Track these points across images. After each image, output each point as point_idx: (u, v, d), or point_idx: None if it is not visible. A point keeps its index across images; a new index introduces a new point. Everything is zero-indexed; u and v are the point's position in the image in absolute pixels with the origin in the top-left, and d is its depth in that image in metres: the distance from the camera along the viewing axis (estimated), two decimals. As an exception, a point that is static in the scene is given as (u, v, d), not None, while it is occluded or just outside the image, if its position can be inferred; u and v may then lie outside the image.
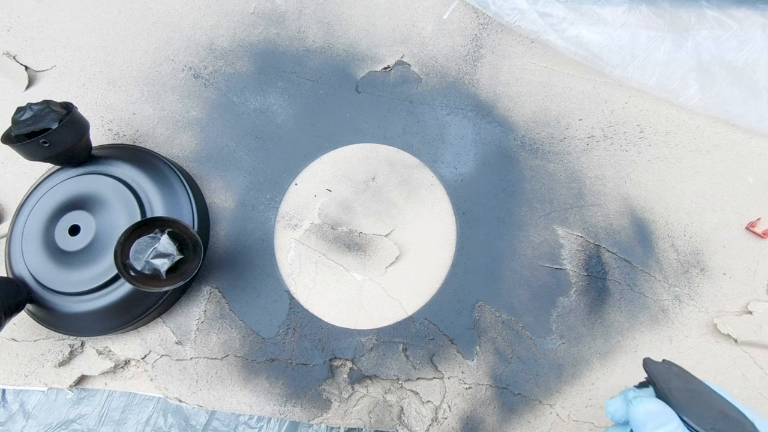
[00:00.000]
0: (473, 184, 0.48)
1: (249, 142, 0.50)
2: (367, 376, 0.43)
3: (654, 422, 0.28)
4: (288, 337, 0.44)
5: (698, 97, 0.45)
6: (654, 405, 0.29)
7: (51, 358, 0.44)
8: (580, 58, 0.47)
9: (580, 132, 0.49)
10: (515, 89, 0.50)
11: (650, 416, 0.29)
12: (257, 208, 0.48)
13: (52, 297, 0.42)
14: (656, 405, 0.29)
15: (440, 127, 0.49)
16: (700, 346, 0.43)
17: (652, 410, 0.29)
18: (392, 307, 0.45)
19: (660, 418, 0.28)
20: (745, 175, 0.47)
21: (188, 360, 0.44)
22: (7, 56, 0.54)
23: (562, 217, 0.46)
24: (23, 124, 0.40)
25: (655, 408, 0.29)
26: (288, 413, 0.43)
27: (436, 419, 0.42)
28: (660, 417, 0.28)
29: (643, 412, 0.29)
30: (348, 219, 0.47)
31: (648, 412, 0.29)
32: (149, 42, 0.54)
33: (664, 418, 0.28)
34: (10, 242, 0.45)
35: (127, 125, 0.51)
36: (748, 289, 0.44)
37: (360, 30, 0.53)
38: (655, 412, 0.29)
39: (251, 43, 0.53)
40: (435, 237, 0.46)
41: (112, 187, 0.43)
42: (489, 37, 0.52)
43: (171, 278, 0.38)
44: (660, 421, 0.28)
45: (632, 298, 0.44)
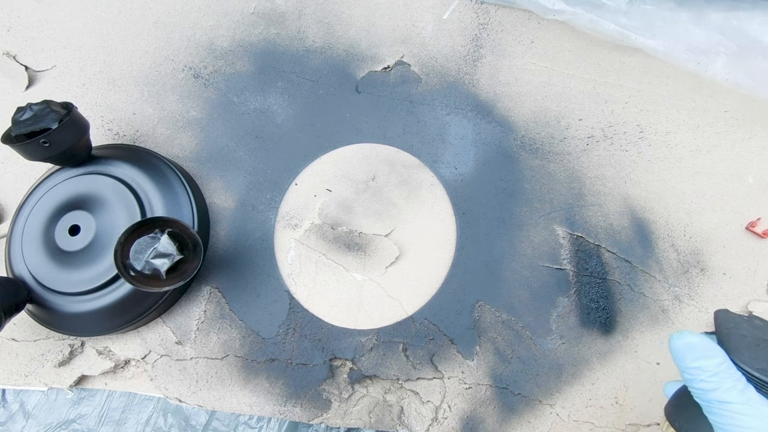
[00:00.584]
0: (473, 184, 0.48)
1: (249, 142, 0.50)
2: (367, 376, 0.43)
3: (693, 354, 0.27)
4: (288, 337, 0.44)
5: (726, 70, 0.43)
6: (696, 338, 0.28)
7: (51, 358, 0.44)
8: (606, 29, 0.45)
9: (580, 132, 0.49)
10: (515, 89, 0.50)
11: (690, 348, 0.27)
12: (257, 208, 0.48)
13: (52, 297, 0.42)
14: (699, 338, 0.28)
15: (440, 127, 0.49)
16: (700, 346, 0.43)
17: (694, 342, 0.27)
18: (392, 307, 0.45)
19: (701, 351, 0.27)
20: (745, 175, 0.47)
21: (188, 360, 0.44)
22: (7, 56, 0.54)
23: (562, 217, 0.46)
24: (23, 124, 0.40)
25: (698, 341, 0.27)
26: (288, 413, 0.43)
27: (436, 419, 0.42)
28: (701, 350, 0.27)
29: (683, 344, 0.28)
30: (348, 219, 0.47)
31: (689, 344, 0.27)
32: (149, 42, 0.54)
33: (708, 352, 0.27)
34: (10, 242, 0.45)
35: (127, 125, 0.51)
36: (748, 289, 0.44)
37: (360, 30, 0.53)
38: (697, 344, 0.27)
39: (251, 43, 0.53)
40: (435, 237, 0.46)
41: (112, 187, 0.43)
42: (489, 37, 0.52)
43: (171, 278, 0.38)
44: (701, 354, 0.27)
45: (632, 298, 0.44)
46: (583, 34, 0.51)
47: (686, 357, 0.27)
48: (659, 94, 0.49)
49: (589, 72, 0.50)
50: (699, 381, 0.27)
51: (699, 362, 0.27)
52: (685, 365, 0.27)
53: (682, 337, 0.28)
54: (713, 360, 0.27)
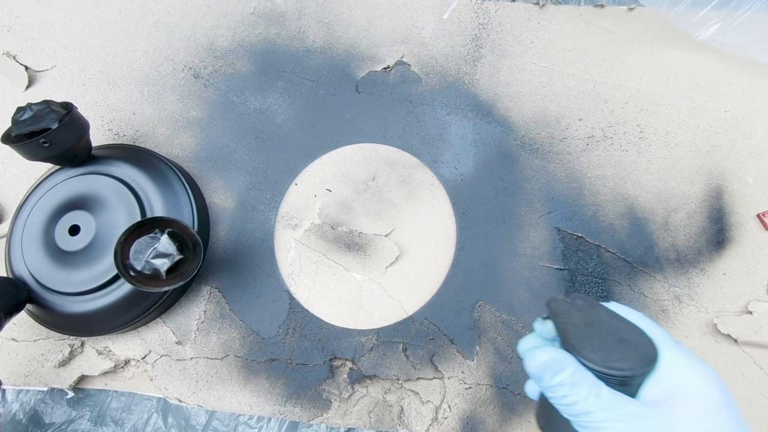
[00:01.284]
0: (473, 184, 0.48)
1: (249, 142, 0.50)
2: (367, 376, 0.43)
3: (549, 374, 0.26)
4: (288, 337, 0.44)
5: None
6: (545, 354, 0.27)
7: (51, 358, 0.44)
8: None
9: (580, 132, 0.49)
10: (515, 89, 0.50)
11: (545, 368, 0.26)
12: (257, 208, 0.48)
13: (52, 297, 0.42)
14: (547, 354, 0.27)
15: (440, 127, 0.49)
16: (700, 346, 0.43)
17: (546, 360, 0.27)
18: (392, 307, 0.45)
19: (554, 367, 0.26)
20: (745, 175, 0.47)
21: (188, 360, 0.44)
22: (7, 56, 0.54)
23: (562, 217, 0.46)
24: (23, 124, 0.40)
25: (548, 357, 0.27)
26: (288, 413, 0.43)
27: (436, 419, 0.42)
28: (554, 365, 0.26)
29: (537, 364, 0.27)
30: (348, 219, 0.47)
31: (542, 364, 0.27)
32: (149, 42, 0.54)
33: (559, 366, 0.26)
34: (10, 242, 0.45)
35: (127, 125, 0.51)
36: (748, 289, 0.44)
37: (360, 30, 0.53)
38: (549, 362, 0.26)
39: (251, 43, 0.53)
40: (435, 237, 0.46)
41: (112, 187, 0.43)
42: (489, 37, 0.52)
43: (171, 278, 0.38)
44: (555, 369, 0.26)
45: (632, 298, 0.44)
46: (583, 34, 0.51)
47: (544, 376, 0.27)
48: (659, 94, 0.49)
49: (589, 72, 0.50)
50: (561, 398, 0.26)
51: (557, 378, 0.26)
52: (546, 385, 0.27)
53: (534, 357, 0.27)
54: (566, 371, 0.26)
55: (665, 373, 0.26)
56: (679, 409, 0.24)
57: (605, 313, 0.28)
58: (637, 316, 0.29)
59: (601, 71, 0.50)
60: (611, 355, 0.26)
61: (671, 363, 0.26)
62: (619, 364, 0.25)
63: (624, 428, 0.24)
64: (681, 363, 0.26)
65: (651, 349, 0.26)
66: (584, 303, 0.29)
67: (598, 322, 0.27)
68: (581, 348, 0.26)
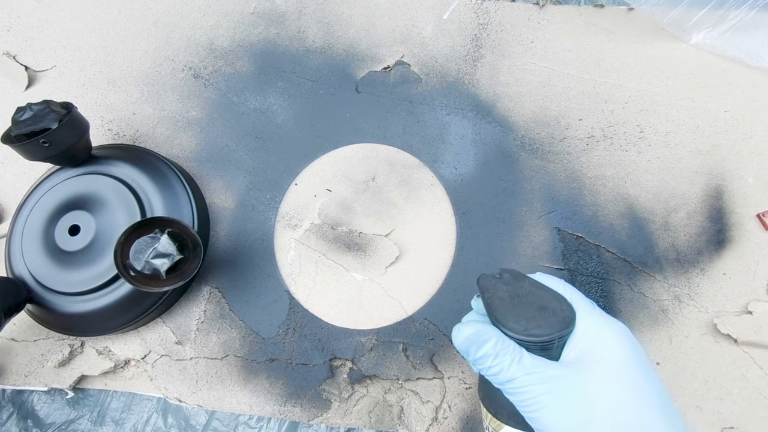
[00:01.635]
0: (473, 184, 0.48)
1: (249, 142, 0.50)
2: (367, 376, 0.43)
3: (474, 347, 0.27)
4: (288, 337, 0.44)
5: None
6: (469, 329, 0.28)
7: (51, 358, 0.44)
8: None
9: (580, 132, 0.49)
10: (515, 89, 0.50)
11: (469, 342, 0.28)
12: (257, 208, 0.48)
13: (52, 297, 0.42)
14: (470, 328, 0.28)
15: (440, 127, 0.49)
16: (700, 346, 0.43)
17: (469, 335, 0.28)
18: (392, 307, 0.45)
19: (478, 338, 0.27)
20: (745, 175, 0.47)
21: (188, 360, 0.44)
22: (7, 56, 0.54)
23: (562, 217, 0.46)
24: (23, 124, 0.40)
25: (471, 331, 0.28)
26: (288, 413, 0.43)
27: (436, 419, 0.42)
28: (478, 337, 0.27)
29: (462, 339, 0.28)
30: (348, 219, 0.47)
31: (466, 338, 0.28)
32: (149, 42, 0.54)
33: (482, 338, 0.27)
34: (10, 242, 0.45)
35: (127, 125, 0.51)
36: (748, 289, 0.44)
37: (360, 30, 0.53)
38: (472, 335, 0.28)
39: (251, 43, 0.53)
40: (435, 237, 0.46)
41: (112, 187, 0.43)
42: (489, 37, 0.52)
43: (171, 278, 0.38)
44: (479, 342, 0.27)
45: (632, 298, 0.44)
46: (583, 34, 0.51)
47: (469, 350, 0.28)
48: (659, 94, 0.49)
49: (589, 72, 0.50)
50: (487, 369, 0.27)
51: (481, 351, 0.27)
52: (473, 359, 0.28)
53: (459, 333, 0.29)
54: (489, 343, 0.27)
55: (581, 334, 0.27)
56: (593, 365, 0.26)
57: (530, 284, 0.30)
58: (558, 284, 0.30)
59: (601, 71, 0.50)
60: (531, 323, 0.27)
61: (586, 324, 0.27)
62: (538, 331, 0.27)
63: (545, 389, 0.25)
64: (595, 324, 0.27)
65: (569, 313, 0.28)
66: (510, 276, 0.30)
67: (522, 293, 0.29)
68: (505, 320, 0.27)
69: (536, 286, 0.30)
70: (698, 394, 0.41)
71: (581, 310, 0.28)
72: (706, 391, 0.42)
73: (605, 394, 0.25)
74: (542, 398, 0.25)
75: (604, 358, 0.26)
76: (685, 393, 0.42)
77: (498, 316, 0.28)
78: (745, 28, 0.47)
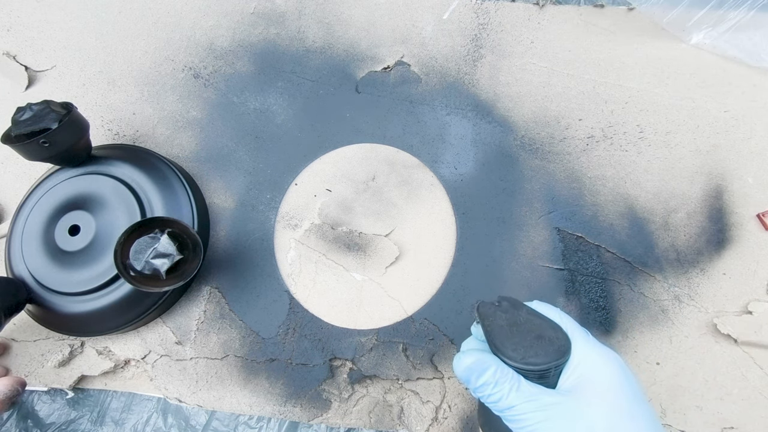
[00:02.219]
0: (473, 184, 0.48)
1: (249, 142, 0.50)
2: (367, 376, 0.43)
3: (475, 375, 0.28)
4: (288, 337, 0.44)
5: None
6: (469, 358, 0.29)
7: (51, 358, 0.44)
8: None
9: (580, 132, 0.49)
10: (515, 89, 0.50)
11: (470, 371, 0.29)
12: (257, 208, 0.48)
13: (52, 297, 0.42)
14: (471, 357, 0.29)
15: (440, 127, 0.49)
16: (700, 346, 0.43)
17: (470, 364, 0.29)
18: (392, 307, 0.45)
19: (478, 369, 0.28)
20: (745, 175, 0.47)
21: (188, 360, 0.44)
22: (7, 56, 0.54)
23: (562, 217, 0.46)
24: (23, 124, 0.40)
25: (471, 360, 0.29)
26: (288, 413, 0.43)
27: (436, 419, 0.42)
28: (478, 368, 0.28)
29: (463, 369, 0.29)
30: (348, 219, 0.47)
31: (467, 367, 0.29)
32: (149, 42, 0.54)
33: (481, 367, 0.28)
34: (9, 242, 0.45)
35: (127, 125, 0.51)
36: (748, 289, 0.44)
37: (360, 30, 0.53)
38: (473, 364, 0.29)
39: (251, 43, 0.53)
40: (435, 237, 0.46)
41: (112, 187, 0.43)
42: (489, 37, 0.52)
43: (171, 278, 0.38)
44: (479, 372, 0.28)
45: (632, 298, 0.44)
46: (583, 34, 0.51)
47: (470, 379, 0.29)
48: (659, 94, 0.49)
49: (589, 72, 0.50)
50: (488, 396, 0.28)
51: (481, 379, 0.28)
52: (473, 387, 0.29)
53: (460, 363, 0.29)
54: (489, 371, 0.28)
55: (577, 362, 0.28)
56: (589, 393, 0.27)
57: (527, 312, 0.31)
58: (554, 312, 0.31)
59: (600, 71, 0.50)
60: (529, 351, 0.28)
61: (582, 353, 0.28)
62: (535, 359, 0.28)
63: (543, 416, 0.26)
64: (590, 352, 0.28)
65: (565, 342, 0.29)
66: (509, 304, 0.31)
67: (520, 321, 0.30)
68: (504, 348, 0.28)
69: (533, 314, 0.31)
70: (698, 394, 0.41)
71: (576, 339, 0.29)
72: (706, 391, 0.42)
73: (601, 420, 0.26)
74: (541, 425, 0.26)
75: (600, 386, 0.27)
76: (685, 393, 0.42)
77: (497, 344, 0.29)
78: (744, 28, 0.48)
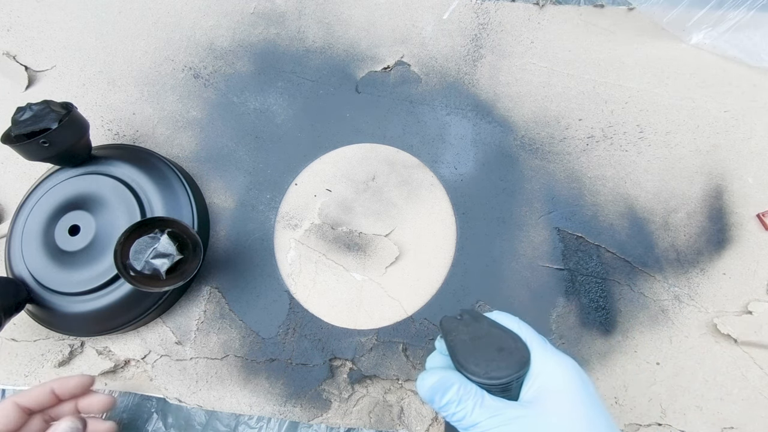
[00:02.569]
0: (473, 184, 0.48)
1: (249, 142, 0.50)
2: (367, 376, 0.43)
3: (438, 395, 0.28)
4: (288, 337, 0.44)
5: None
6: (432, 378, 0.29)
7: (51, 358, 0.44)
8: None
9: (580, 132, 0.49)
10: (515, 89, 0.50)
11: (434, 391, 0.28)
12: (257, 208, 0.48)
13: (52, 297, 0.42)
14: (433, 377, 0.29)
15: (440, 127, 0.49)
16: (700, 346, 0.43)
17: (433, 384, 0.29)
18: (392, 307, 0.45)
19: (441, 388, 0.28)
20: (745, 175, 0.47)
21: (188, 360, 0.44)
22: (7, 56, 0.54)
23: (562, 217, 0.46)
24: (23, 124, 0.40)
25: (434, 380, 0.29)
26: (288, 413, 0.43)
27: (436, 419, 0.42)
28: (441, 385, 0.28)
29: (426, 390, 0.29)
30: (348, 219, 0.47)
31: (431, 387, 0.29)
32: (149, 42, 0.54)
33: (445, 386, 0.28)
34: (9, 242, 0.45)
35: (127, 125, 0.51)
36: (748, 289, 0.44)
37: (360, 30, 0.53)
38: (436, 384, 0.28)
39: (251, 43, 0.53)
40: (435, 237, 0.46)
41: (112, 187, 0.43)
42: (489, 37, 0.52)
43: (171, 278, 0.38)
44: (442, 389, 0.28)
45: (632, 298, 0.44)
46: (583, 34, 0.51)
47: (434, 399, 0.28)
48: (659, 94, 0.49)
49: (589, 72, 0.50)
50: (452, 415, 0.28)
51: (445, 398, 0.28)
52: (438, 406, 0.28)
53: (423, 383, 0.29)
54: (452, 389, 0.28)
55: (537, 373, 0.28)
56: (549, 403, 0.27)
57: (488, 324, 0.31)
58: (513, 322, 0.31)
59: (600, 71, 0.50)
60: (491, 365, 0.28)
61: (540, 363, 0.29)
62: (497, 373, 0.28)
63: (507, 429, 0.26)
64: (547, 361, 0.29)
65: (525, 352, 0.29)
66: (470, 317, 0.31)
67: (481, 334, 0.30)
68: (467, 363, 0.28)
69: (494, 326, 0.31)
70: (698, 394, 0.42)
71: (534, 349, 0.29)
72: (706, 391, 0.42)
73: (562, 429, 0.26)
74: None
75: (558, 395, 0.27)
76: (685, 393, 0.42)
77: (460, 359, 0.29)
78: (744, 28, 0.48)
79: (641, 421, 0.41)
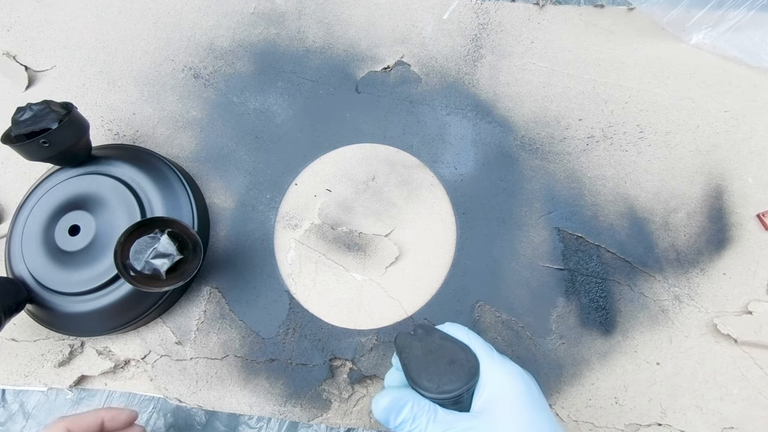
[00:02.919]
0: (473, 184, 0.48)
1: (249, 142, 0.50)
2: (367, 376, 0.43)
3: (393, 415, 0.28)
4: (288, 337, 0.44)
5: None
6: (385, 399, 0.29)
7: (51, 358, 0.44)
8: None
9: (580, 132, 0.49)
10: (515, 89, 0.50)
11: (389, 411, 0.29)
12: (257, 208, 0.48)
13: (52, 297, 0.42)
14: (386, 398, 0.29)
15: (440, 127, 0.49)
16: (700, 346, 0.43)
17: (387, 405, 0.29)
18: (392, 307, 0.45)
19: (395, 408, 0.28)
20: (745, 175, 0.47)
21: (188, 360, 0.44)
22: (7, 56, 0.54)
23: (563, 217, 0.46)
24: (23, 124, 0.40)
25: (387, 401, 0.29)
26: (288, 413, 0.43)
27: (436, 419, 0.42)
28: (395, 404, 0.28)
29: (380, 411, 0.29)
30: (348, 219, 0.47)
31: (385, 408, 0.29)
32: (149, 42, 0.54)
33: (399, 405, 0.28)
34: (9, 242, 0.45)
35: (127, 125, 0.51)
36: (748, 289, 0.44)
37: (360, 30, 0.53)
38: (390, 404, 0.29)
39: (251, 43, 0.53)
40: (435, 237, 0.46)
41: (112, 187, 0.43)
42: (489, 37, 0.52)
43: (171, 278, 0.38)
44: (396, 411, 0.28)
45: (632, 298, 0.44)
46: (583, 34, 0.51)
47: (390, 420, 0.29)
48: (659, 94, 0.49)
49: (589, 72, 0.50)
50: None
51: (399, 417, 0.28)
52: (393, 426, 0.29)
53: (378, 405, 0.30)
54: (406, 408, 0.28)
55: (485, 382, 0.29)
56: (498, 411, 0.28)
57: (439, 337, 0.31)
58: (463, 332, 0.32)
59: (600, 71, 0.50)
60: (443, 379, 0.28)
61: (487, 372, 0.29)
62: (449, 386, 0.28)
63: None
64: (494, 370, 0.29)
65: (475, 363, 0.29)
66: (423, 332, 0.31)
67: (433, 348, 0.30)
68: (419, 379, 0.29)
69: (445, 338, 0.31)
70: (698, 394, 0.42)
71: (482, 358, 0.30)
72: (706, 391, 0.42)
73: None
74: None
75: (505, 402, 0.28)
76: (685, 393, 0.42)
77: (413, 376, 0.29)
78: (744, 28, 0.48)
79: (641, 421, 0.41)
